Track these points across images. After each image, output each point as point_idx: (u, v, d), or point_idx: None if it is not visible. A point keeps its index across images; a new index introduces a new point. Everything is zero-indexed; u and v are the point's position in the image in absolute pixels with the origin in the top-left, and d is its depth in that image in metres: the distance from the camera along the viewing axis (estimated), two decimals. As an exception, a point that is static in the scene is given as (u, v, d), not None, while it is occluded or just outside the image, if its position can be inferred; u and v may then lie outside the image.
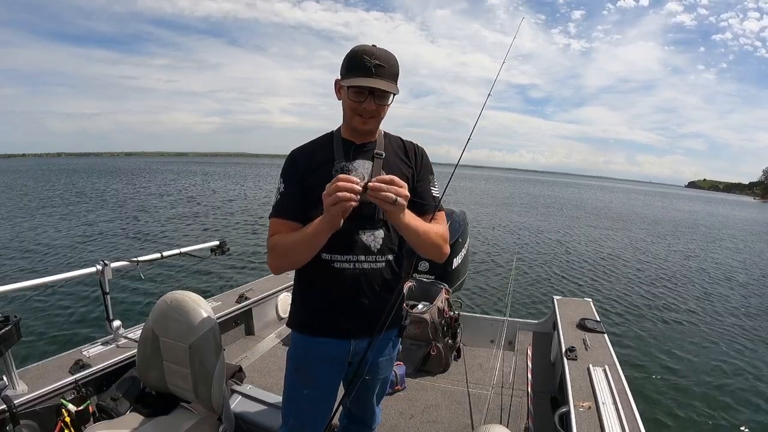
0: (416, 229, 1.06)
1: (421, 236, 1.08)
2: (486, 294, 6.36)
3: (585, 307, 2.70)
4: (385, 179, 0.94)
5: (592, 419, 1.52)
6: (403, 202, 0.95)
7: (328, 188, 0.93)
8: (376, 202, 0.95)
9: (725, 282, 8.48)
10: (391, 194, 0.93)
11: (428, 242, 1.11)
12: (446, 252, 1.19)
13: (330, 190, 0.92)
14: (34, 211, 13.41)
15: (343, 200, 0.91)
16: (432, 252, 1.16)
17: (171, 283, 6.05)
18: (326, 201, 0.93)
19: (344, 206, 0.92)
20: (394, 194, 0.93)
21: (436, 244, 1.14)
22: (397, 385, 2.31)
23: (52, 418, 1.61)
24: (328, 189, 0.93)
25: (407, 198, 0.96)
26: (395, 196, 0.93)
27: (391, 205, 0.94)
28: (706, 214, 31.00)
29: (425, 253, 1.15)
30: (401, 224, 1.02)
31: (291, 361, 1.28)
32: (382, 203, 0.94)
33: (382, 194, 0.93)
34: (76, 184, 25.52)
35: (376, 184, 0.93)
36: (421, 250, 1.14)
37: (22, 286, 1.75)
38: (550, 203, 27.96)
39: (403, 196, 0.95)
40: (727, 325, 5.86)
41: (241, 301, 2.75)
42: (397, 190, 0.94)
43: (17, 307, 4.79)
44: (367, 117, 1.11)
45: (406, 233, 1.07)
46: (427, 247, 1.13)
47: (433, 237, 1.12)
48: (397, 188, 0.94)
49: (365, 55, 1.05)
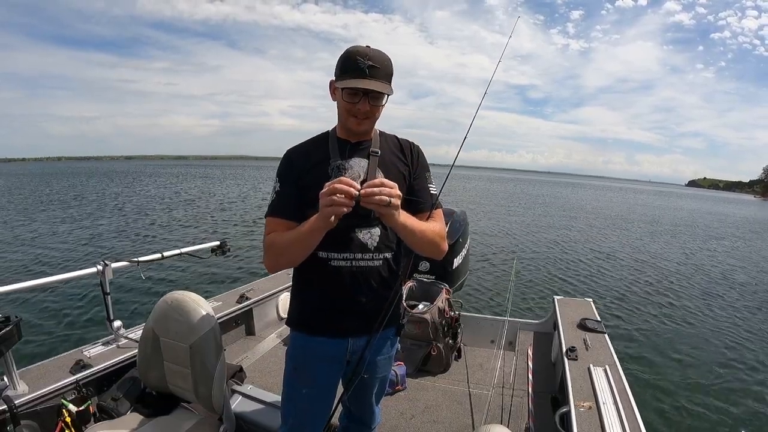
0: (412, 228, 1.06)
1: (417, 235, 1.08)
2: (486, 294, 6.36)
3: (585, 307, 2.70)
4: (375, 183, 0.94)
5: (593, 419, 1.52)
6: (396, 202, 0.95)
7: (327, 187, 0.93)
8: (371, 207, 0.94)
9: (726, 282, 8.47)
10: (384, 197, 0.93)
11: (425, 240, 1.11)
12: (444, 249, 1.19)
13: (327, 190, 0.92)
14: (36, 213, 13.43)
15: (337, 204, 0.91)
16: (429, 250, 1.15)
17: (171, 284, 6.06)
18: (322, 200, 0.94)
19: (337, 211, 0.92)
20: (387, 196, 0.93)
21: (433, 242, 1.14)
22: (397, 385, 2.31)
23: (52, 418, 1.61)
24: (326, 188, 0.93)
25: (400, 197, 0.96)
26: (388, 198, 0.93)
27: (386, 208, 0.94)
28: (706, 212, 30.97)
29: (422, 251, 1.15)
30: (397, 225, 1.02)
31: (290, 361, 1.29)
32: (378, 207, 0.94)
33: (375, 199, 0.92)
34: (75, 187, 25.58)
35: (368, 190, 0.92)
36: (418, 249, 1.13)
37: (22, 286, 1.75)
38: (549, 203, 27.99)
39: (395, 196, 0.94)
40: (728, 324, 5.86)
41: (241, 301, 2.75)
42: (389, 192, 0.93)
43: (18, 307, 4.80)
44: (362, 118, 1.12)
45: (403, 233, 1.07)
46: (424, 245, 1.12)
47: (430, 235, 1.12)
48: (388, 190, 0.94)
49: (359, 56, 1.05)
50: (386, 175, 1.17)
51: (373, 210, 1.14)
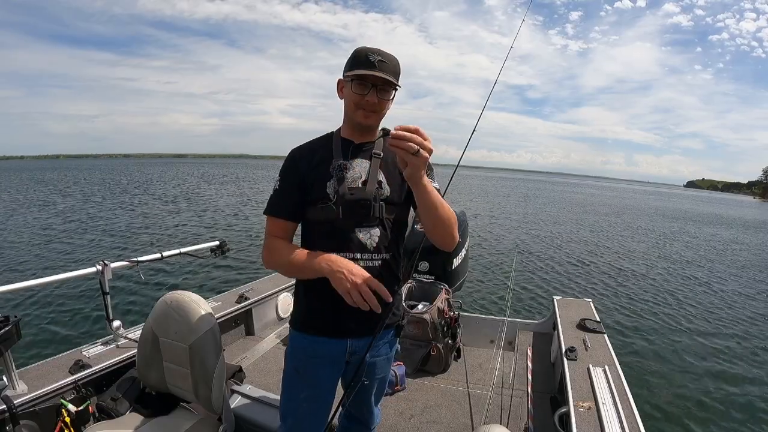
0: (433, 195, 1.02)
1: (437, 206, 1.04)
2: (486, 294, 6.36)
3: (585, 307, 2.70)
4: (410, 128, 0.90)
5: (592, 419, 1.52)
6: (425, 154, 0.90)
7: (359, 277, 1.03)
8: (396, 151, 0.91)
9: (727, 282, 8.48)
10: (414, 144, 0.88)
11: (444, 214, 1.06)
12: (456, 237, 1.13)
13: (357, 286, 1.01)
14: (36, 212, 13.41)
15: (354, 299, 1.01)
16: (443, 231, 1.09)
17: (171, 284, 6.05)
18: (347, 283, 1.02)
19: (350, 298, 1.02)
20: (417, 144, 0.89)
21: (449, 220, 1.08)
22: (396, 385, 2.31)
23: (52, 418, 1.61)
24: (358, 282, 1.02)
25: (431, 151, 0.91)
26: (417, 147, 0.89)
27: (412, 156, 0.90)
28: (706, 214, 30.89)
29: (439, 228, 1.09)
30: (420, 183, 0.97)
31: (289, 361, 1.29)
32: (404, 153, 0.90)
33: (404, 144, 0.88)
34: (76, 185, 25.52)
35: (399, 133, 0.88)
36: (434, 225, 1.08)
37: (22, 286, 1.75)
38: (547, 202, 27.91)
39: (427, 149, 0.90)
40: (729, 324, 5.87)
41: (241, 301, 2.75)
42: (421, 141, 0.89)
43: (17, 307, 4.79)
44: (369, 111, 1.13)
45: (423, 197, 1.01)
46: (443, 221, 1.07)
47: (448, 212, 1.07)
48: (420, 139, 0.89)
49: (369, 52, 1.09)
50: (388, 177, 1.18)
51: (374, 209, 1.16)
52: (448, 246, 1.15)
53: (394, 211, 1.19)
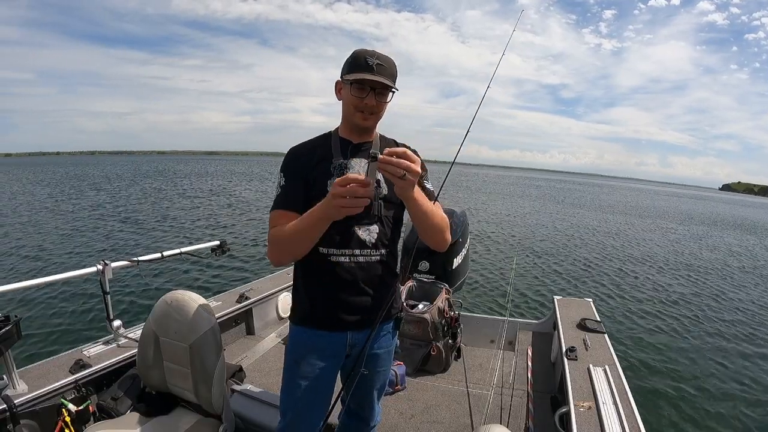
0: (423, 205, 1.07)
1: (428, 214, 1.09)
2: (486, 294, 6.36)
3: (585, 307, 2.70)
4: (398, 152, 0.92)
5: (593, 419, 1.52)
6: (411, 178, 0.93)
7: (345, 183, 0.91)
8: (385, 174, 0.93)
9: (727, 282, 8.47)
10: (400, 169, 0.91)
11: (434, 222, 1.12)
12: (448, 239, 1.20)
13: (346, 190, 0.90)
14: (36, 212, 13.41)
15: (351, 206, 0.92)
16: (434, 236, 1.16)
17: (171, 283, 6.05)
18: (337, 193, 0.92)
19: (352, 212, 0.93)
20: (404, 168, 0.91)
21: (440, 226, 1.15)
22: (397, 385, 2.31)
23: (52, 417, 1.61)
24: (347, 187, 0.91)
25: (417, 174, 0.94)
26: (404, 171, 0.91)
27: (399, 180, 0.93)
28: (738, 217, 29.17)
29: (429, 233, 1.15)
30: (410, 198, 1.03)
31: (289, 354, 1.30)
32: (391, 177, 0.93)
33: (390, 168, 0.91)
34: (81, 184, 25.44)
35: (387, 157, 0.90)
36: (425, 230, 1.14)
37: (22, 285, 1.76)
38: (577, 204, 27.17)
39: (413, 172, 0.93)
40: (729, 325, 5.86)
41: (241, 300, 2.75)
42: (407, 165, 0.91)
43: (17, 306, 4.79)
44: (368, 113, 1.15)
45: (414, 209, 1.07)
46: (434, 227, 1.13)
47: (439, 219, 1.14)
48: (407, 162, 0.92)
49: (367, 55, 1.11)
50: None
51: (373, 207, 1.17)
52: (440, 248, 1.22)
53: (392, 209, 1.23)
